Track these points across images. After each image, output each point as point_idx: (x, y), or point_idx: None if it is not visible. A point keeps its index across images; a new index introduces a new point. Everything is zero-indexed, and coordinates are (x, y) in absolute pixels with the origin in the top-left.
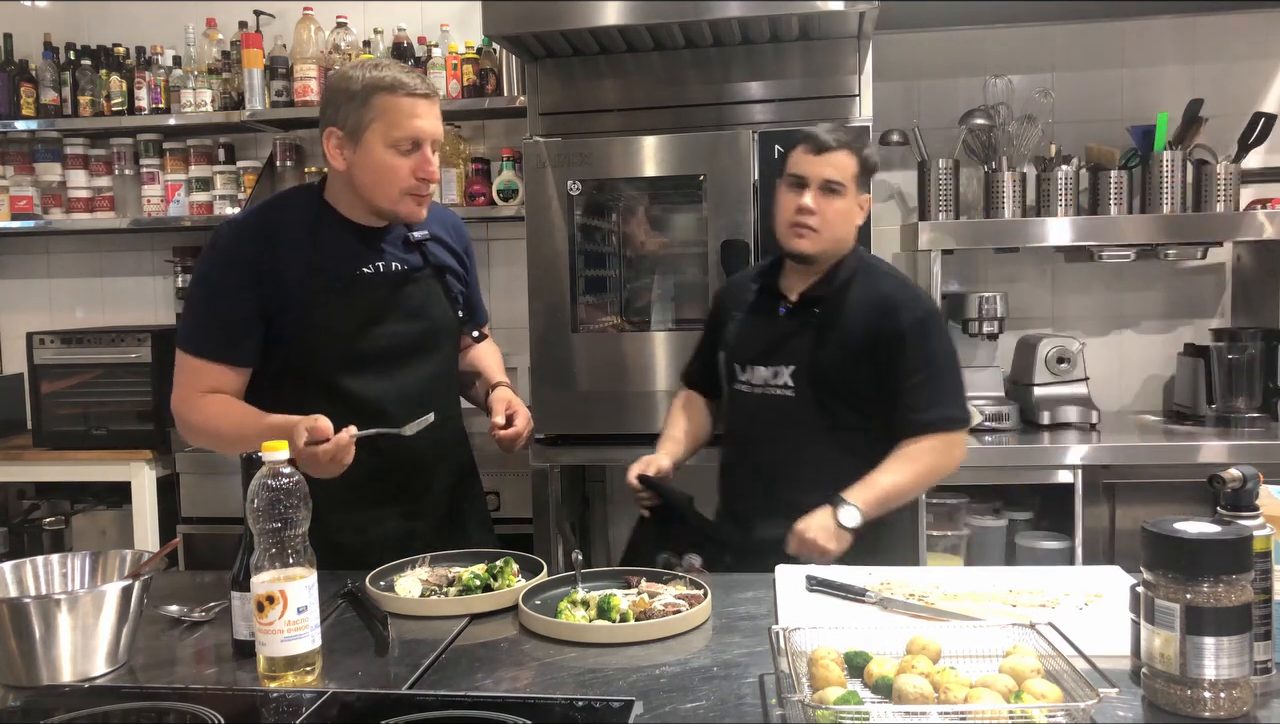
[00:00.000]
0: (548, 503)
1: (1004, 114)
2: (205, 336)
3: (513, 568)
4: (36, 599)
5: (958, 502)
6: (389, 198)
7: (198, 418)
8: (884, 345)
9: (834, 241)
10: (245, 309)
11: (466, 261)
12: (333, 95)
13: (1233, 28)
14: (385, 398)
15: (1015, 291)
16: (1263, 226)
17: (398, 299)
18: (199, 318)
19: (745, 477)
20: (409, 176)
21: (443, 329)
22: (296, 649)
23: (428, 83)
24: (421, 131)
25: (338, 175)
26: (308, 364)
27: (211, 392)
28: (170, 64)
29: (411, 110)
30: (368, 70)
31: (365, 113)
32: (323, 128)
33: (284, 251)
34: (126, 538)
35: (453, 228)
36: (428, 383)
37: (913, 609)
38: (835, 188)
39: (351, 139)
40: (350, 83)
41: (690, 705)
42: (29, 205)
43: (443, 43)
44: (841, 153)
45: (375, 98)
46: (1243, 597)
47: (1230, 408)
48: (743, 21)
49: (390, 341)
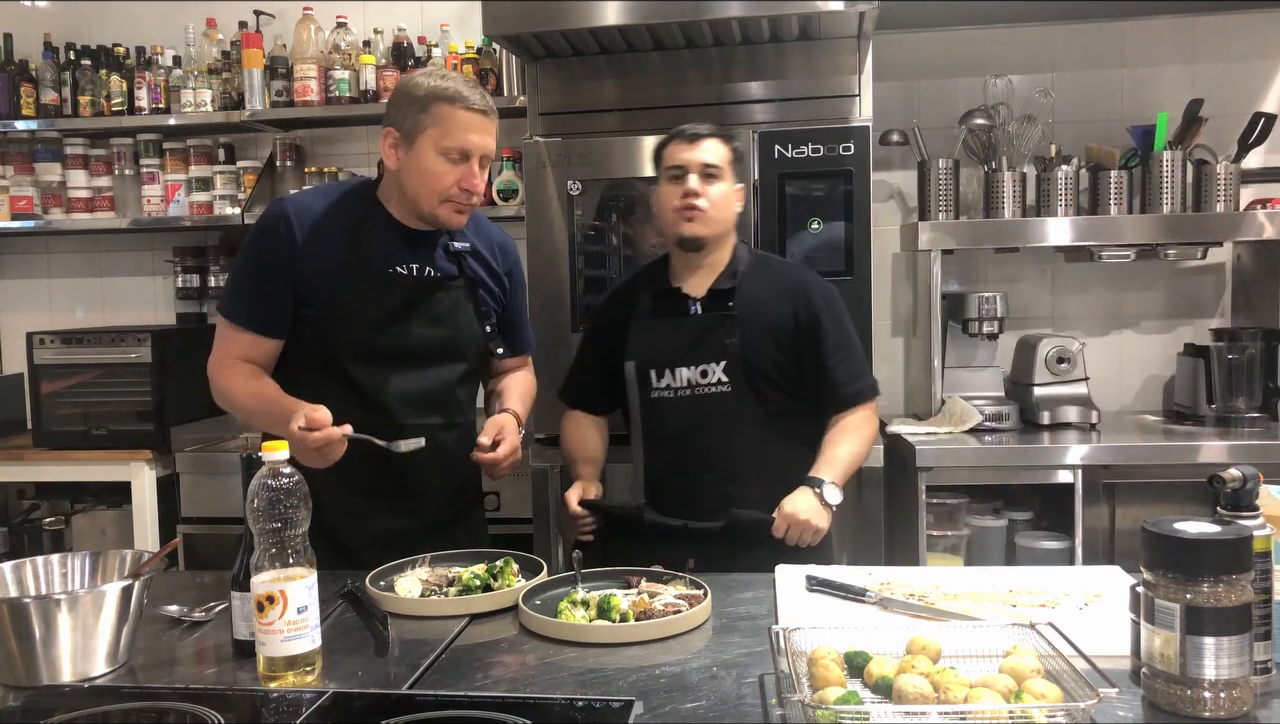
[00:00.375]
0: (548, 503)
1: (1004, 114)
2: (241, 304)
3: (513, 568)
4: (36, 599)
5: (958, 502)
6: (430, 202)
7: (225, 383)
8: (805, 328)
9: (721, 224)
10: (279, 284)
11: (507, 283)
12: (397, 97)
13: (1233, 28)
14: (391, 395)
15: (1015, 291)
16: (1263, 226)
17: (425, 303)
18: (237, 286)
19: (683, 482)
20: (453, 185)
21: (465, 339)
22: (296, 649)
23: (488, 101)
24: (472, 145)
25: (390, 175)
26: (327, 349)
27: (244, 359)
28: (170, 64)
29: (467, 123)
30: (435, 79)
31: (423, 118)
32: (383, 126)
33: (325, 237)
34: (126, 538)
35: (499, 248)
36: (438, 388)
37: (913, 609)
38: (714, 172)
39: (406, 141)
40: (415, 88)
41: (690, 705)
42: (29, 205)
43: (443, 43)
44: (713, 140)
45: (435, 106)
46: (1243, 597)
47: (1230, 408)
48: (743, 21)
49: (409, 342)
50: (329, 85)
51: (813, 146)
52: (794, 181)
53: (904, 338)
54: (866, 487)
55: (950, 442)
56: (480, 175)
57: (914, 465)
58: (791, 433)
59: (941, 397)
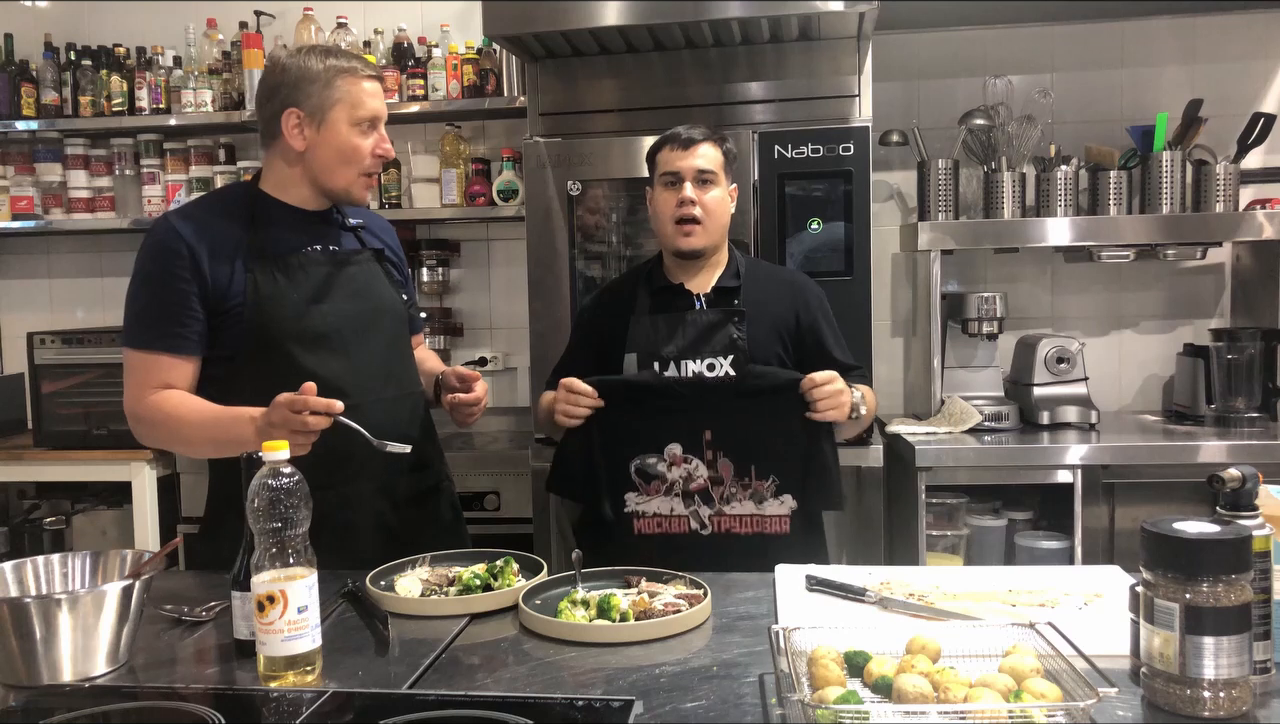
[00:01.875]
0: (548, 503)
1: (1004, 114)
2: (148, 329)
3: (513, 568)
4: (37, 599)
5: (957, 501)
6: (349, 176)
7: (156, 414)
8: (806, 328)
9: (718, 231)
10: (186, 298)
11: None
12: (288, 77)
13: (1233, 28)
14: (343, 375)
15: (1015, 292)
16: (1262, 227)
17: (340, 279)
18: (142, 311)
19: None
20: (369, 155)
21: (388, 310)
22: (296, 649)
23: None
24: (379, 111)
25: (280, 161)
26: (262, 345)
27: (163, 387)
28: (170, 64)
29: (372, 91)
30: (321, 53)
31: (330, 94)
32: (278, 110)
33: (221, 237)
34: (127, 538)
35: (386, 231)
36: (383, 361)
37: (912, 609)
38: (708, 177)
39: (313, 119)
40: (311, 65)
41: (690, 705)
42: (29, 205)
43: (443, 43)
44: (706, 144)
45: (339, 80)
46: (1242, 596)
47: (1229, 408)
48: (743, 22)
49: (337, 320)
50: None
51: (812, 147)
52: (794, 182)
53: (904, 338)
54: (866, 487)
55: (950, 442)
56: (387, 137)
57: (914, 465)
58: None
59: (941, 396)
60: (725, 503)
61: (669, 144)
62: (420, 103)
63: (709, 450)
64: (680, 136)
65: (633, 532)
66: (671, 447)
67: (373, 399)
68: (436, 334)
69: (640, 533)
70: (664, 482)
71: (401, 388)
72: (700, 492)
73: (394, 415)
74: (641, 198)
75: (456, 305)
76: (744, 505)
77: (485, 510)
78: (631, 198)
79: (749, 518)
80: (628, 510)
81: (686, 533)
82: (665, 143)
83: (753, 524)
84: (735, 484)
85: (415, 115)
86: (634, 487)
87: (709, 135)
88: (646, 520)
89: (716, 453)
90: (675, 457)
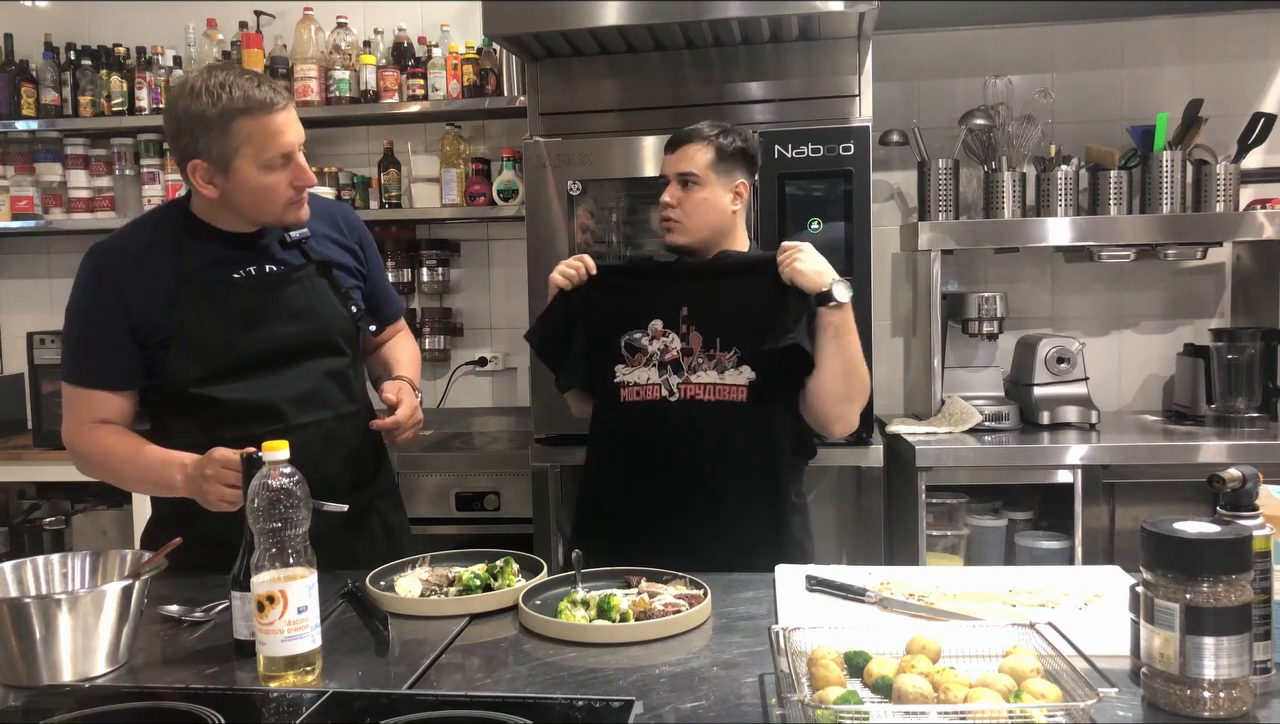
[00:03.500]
0: (548, 503)
1: (1004, 114)
2: (80, 363)
3: (513, 568)
4: (37, 599)
5: (958, 501)
6: (272, 214)
7: (92, 451)
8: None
9: (706, 230)
10: (116, 331)
11: (362, 254)
12: (185, 125)
13: (1233, 28)
14: (279, 400)
15: (1015, 291)
16: (1262, 227)
17: (277, 301)
18: (73, 345)
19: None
20: (287, 189)
21: (333, 327)
22: (296, 649)
23: (278, 88)
24: (289, 146)
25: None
26: (193, 377)
27: (100, 421)
28: (170, 64)
29: (276, 127)
30: (215, 91)
31: (229, 141)
32: (181, 160)
33: (149, 268)
34: (126, 538)
35: (343, 220)
36: (319, 382)
37: (912, 609)
38: (690, 179)
39: (220, 169)
40: (203, 110)
41: (690, 705)
42: (29, 205)
43: (443, 43)
44: (691, 145)
45: (234, 124)
46: (1242, 597)
47: (1230, 408)
48: (743, 22)
49: (273, 344)
50: (329, 85)
51: (813, 146)
52: (794, 181)
53: (904, 338)
54: (866, 486)
55: (950, 441)
56: (305, 164)
57: (914, 465)
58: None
59: (941, 396)
60: (692, 372)
61: (668, 144)
62: (420, 103)
63: (684, 324)
64: (671, 138)
65: (619, 399)
66: (654, 321)
67: (312, 420)
68: (436, 334)
69: (625, 400)
70: (645, 353)
71: (339, 407)
72: (672, 362)
73: (338, 436)
74: (641, 197)
75: (456, 305)
76: (708, 374)
77: (485, 510)
78: (631, 198)
79: (711, 386)
80: (616, 381)
81: (659, 400)
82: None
83: (713, 392)
84: (701, 355)
85: (415, 115)
86: (622, 359)
87: (700, 135)
88: (629, 389)
89: (690, 326)
90: (656, 330)
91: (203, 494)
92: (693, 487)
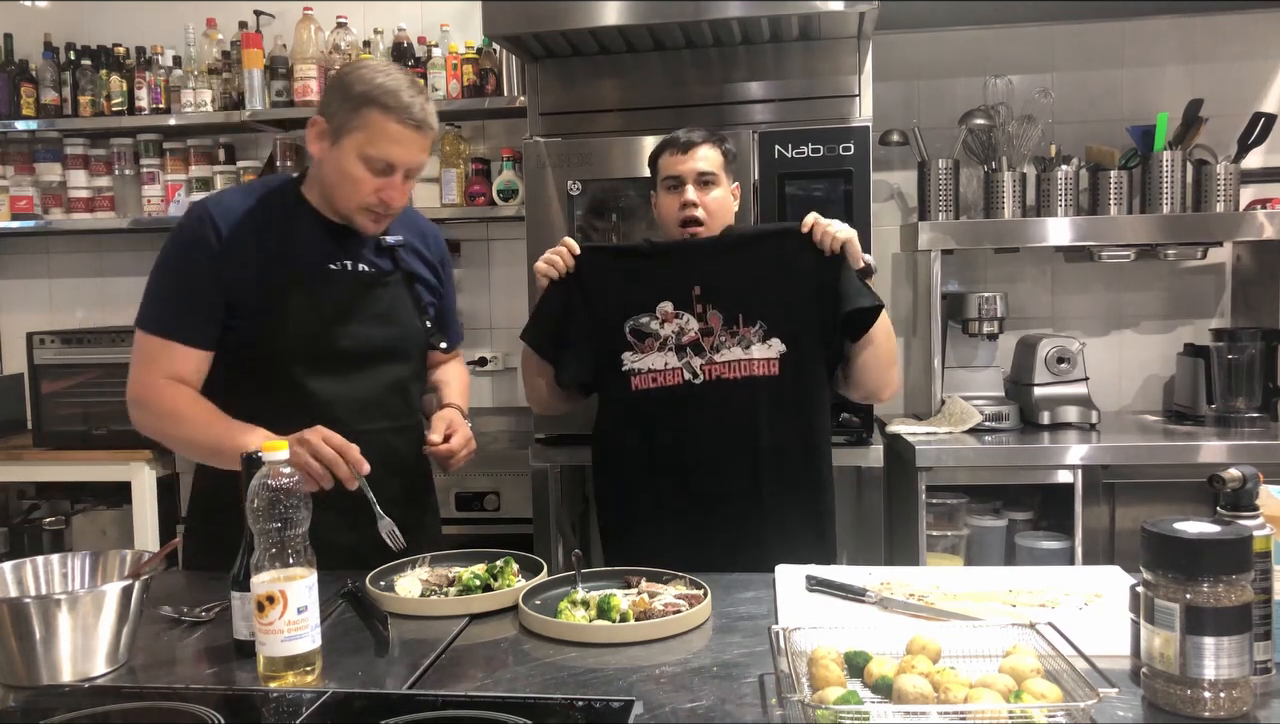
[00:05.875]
0: (548, 503)
1: (1004, 114)
2: (167, 315)
3: (513, 568)
4: (36, 599)
5: (958, 501)
6: (345, 205)
7: (162, 405)
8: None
9: (721, 229)
10: (209, 290)
11: (441, 274)
12: (333, 86)
13: (1233, 28)
14: (338, 401)
15: (1015, 291)
16: (1263, 226)
17: (365, 301)
18: (162, 295)
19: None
20: (371, 194)
21: (409, 337)
22: (296, 649)
23: (428, 113)
24: (396, 159)
25: (314, 167)
26: (267, 357)
27: (173, 377)
28: (170, 64)
29: (396, 136)
30: (377, 76)
31: (352, 118)
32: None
33: (251, 237)
34: (126, 538)
35: (431, 238)
36: (383, 391)
37: (913, 609)
38: (709, 179)
39: (332, 136)
40: (353, 83)
41: (690, 705)
42: (29, 205)
43: (443, 43)
44: (705, 146)
45: (366, 110)
46: (1243, 597)
47: (1230, 408)
48: (743, 22)
49: (352, 344)
50: None
51: (813, 146)
52: (794, 181)
53: (904, 338)
54: (866, 487)
55: (950, 441)
56: (403, 189)
57: (914, 465)
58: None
59: (941, 396)
60: (715, 351)
61: (669, 149)
62: None
63: (698, 304)
64: (680, 140)
65: (630, 388)
66: (663, 304)
67: (371, 429)
68: None
69: (637, 388)
70: (657, 338)
71: (398, 419)
72: (692, 343)
73: (392, 448)
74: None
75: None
76: (732, 352)
77: (485, 510)
78: (631, 198)
79: (737, 363)
80: (624, 369)
81: (680, 383)
82: (666, 147)
83: (741, 368)
84: (724, 333)
85: None
86: (629, 346)
87: (708, 137)
88: (642, 376)
89: (706, 306)
90: (667, 313)
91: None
92: (725, 472)
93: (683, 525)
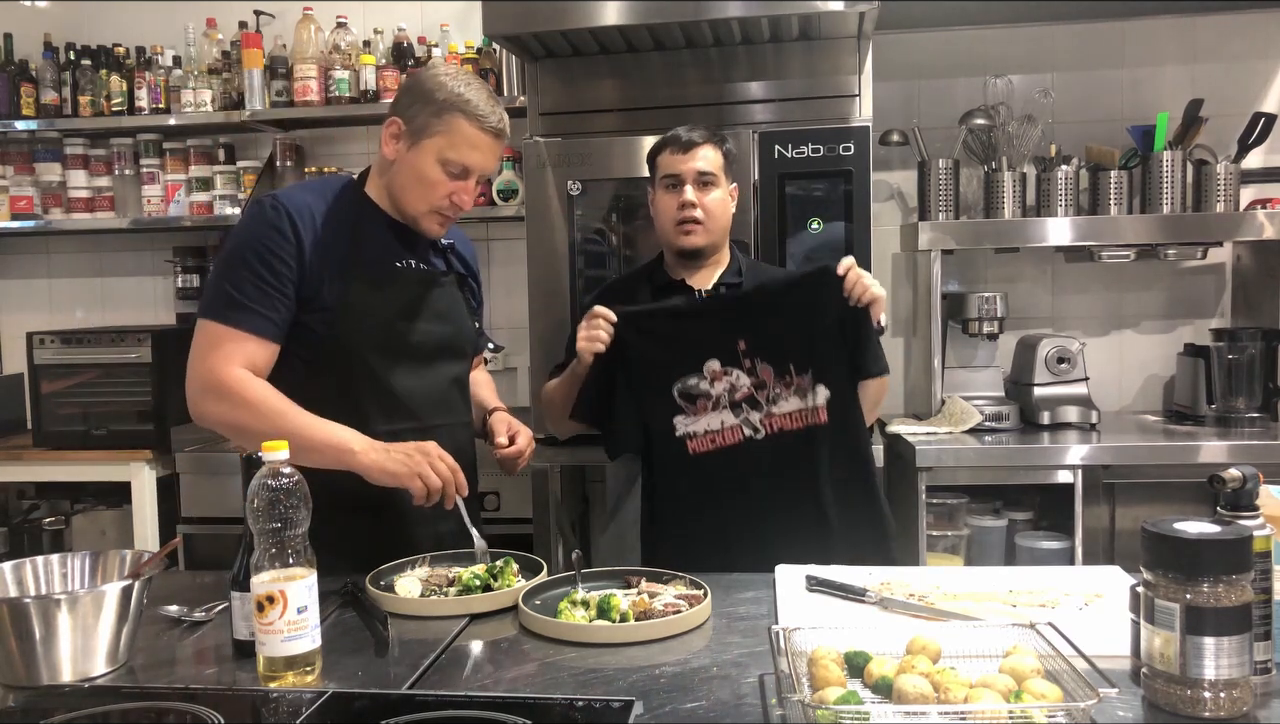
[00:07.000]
0: (548, 503)
1: (1004, 114)
2: (241, 307)
3: (513, 568)
4: (36, 599)
5: (958, 501)
6: (416, 206)
7: (244, 393)
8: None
9: (720, 231)
10: (284, 282)
11: (479, 279)
12: (413, 89)
13: (1233, 28)
14: (414, 396)
15: (1015, 291)
16: (1263, 226)
17: (428, 298)
18: (236, 286)
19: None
20: (444, 197)
21: (464, 336)
22: (296, 649)
23: (504, 121)
24: (475, 164)
25: (378, 169)
26: (344, 352)
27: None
28: (170, 64)
29: (476, 141)
30: (459, 84)
31: (435, 123)
32: (389, 114)
33: (324, 233)
34: (126, 538)
35: (468, 250)
36: (451, 386)
37: (913, 609)
38: (709, 180)
39: (410, 137)
40: (437, 89)
41: (690, 705)
42: (29, 205)
43: (443, 43)
44: (706, 146)
45: (450, 115)
46: (1243, 597)
47: (1230, 408)
48: (743, 21)
49: (420, 339)
50: (329, 85)
51: (813, 146)
52: (794, 181)
53: (904, 338)
54: None
55: (950, 442)
56: (473, 192)
57: (914, 465)
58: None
59: (941, 396)
60: (773, 404)
61: (669, 147)
62: None
63: (746, 358)
64: (680, 139)
65: (687, 452)
66: (710, 362)
67: (437, 424)
68: None
69: (695, 452)
70: (709, 398)
71: (460, 416)
72: (746, 399)
73: (454, 441)
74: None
75: None
76: (790, 402)
77: (485, 510)
78: (631, 198)
79: (797, 413)
80: (679, 434)
81: (741, 442)
82: (665, 146)
83: (802, 418)
84: (778, 384)
85: None
86: (680, 410)
87: (708, 137)
88: (699, 440)
89: (754, 360)
90: (715, 372)
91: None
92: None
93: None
